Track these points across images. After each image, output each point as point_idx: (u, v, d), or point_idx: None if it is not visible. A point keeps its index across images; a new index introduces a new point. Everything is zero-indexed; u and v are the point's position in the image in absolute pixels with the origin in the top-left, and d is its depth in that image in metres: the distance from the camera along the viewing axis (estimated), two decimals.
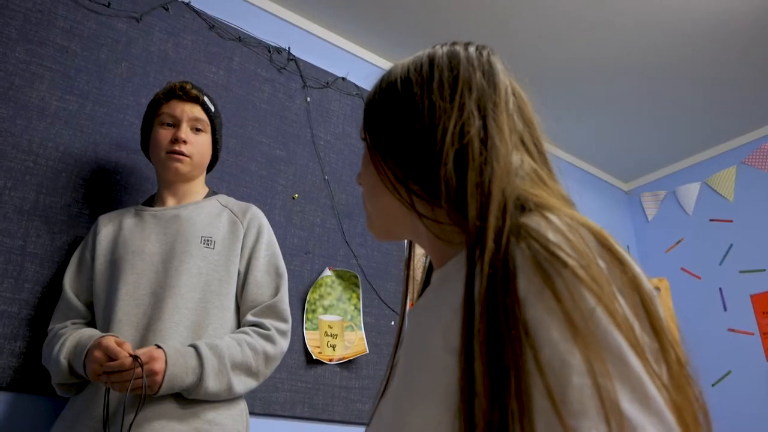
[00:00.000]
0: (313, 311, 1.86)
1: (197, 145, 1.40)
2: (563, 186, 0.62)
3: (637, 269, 0.48)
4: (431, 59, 0.65)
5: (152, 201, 1.45)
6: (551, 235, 0.47)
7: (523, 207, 0.54)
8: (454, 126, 0.58)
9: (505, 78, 0.64)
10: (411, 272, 0.75)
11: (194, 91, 1.41)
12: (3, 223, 1.39)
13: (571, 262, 0.45)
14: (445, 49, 0.66)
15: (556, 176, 0.63)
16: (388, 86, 0.67)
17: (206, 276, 1.29)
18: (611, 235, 0.50)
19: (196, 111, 1.41)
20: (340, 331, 1.88)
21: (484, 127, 0.59)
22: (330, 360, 1.82)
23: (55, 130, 1.53)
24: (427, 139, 0.59)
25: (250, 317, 1.31)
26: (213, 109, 1.45)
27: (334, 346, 1.85)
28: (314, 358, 1.79)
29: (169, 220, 1.35)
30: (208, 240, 1.33)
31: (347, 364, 1.87)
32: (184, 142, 1.36)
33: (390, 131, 0.64)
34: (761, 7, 2.15)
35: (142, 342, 1.18)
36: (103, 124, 1.62)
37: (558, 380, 0.42)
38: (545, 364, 0.43)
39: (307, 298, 1.85)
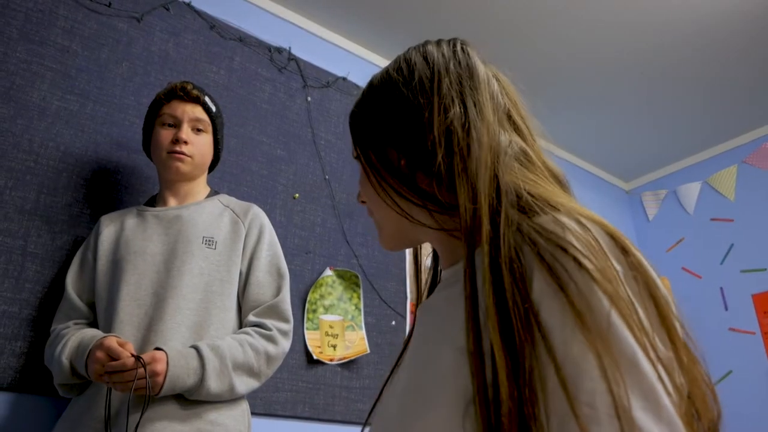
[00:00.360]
0: (314, 311, 1.86)
1: (198, 146, 1.39)
2: (553, 163, 0.62)
3: (652, 271, 0.48)
4: (407, 60, 0.65)
5: (154, 201, 1.45)
6: (567, 236, 0.47)
7: (518, 196, 0.54)
8: (438, 116, 0.58)
9: (482, 65, 0.64)
10: (420, 271, 0.74)
11: (195, 92, 1.41)
12: (4, 223, 1.39)
13: (587, 264, 0.45)
14: (419, 48, 0.67)
15: (544, 154, 0.63)
16: (371, 94, 0.67)
17: (208, 276, 1.28)
18: (623, 234, 0.49)
19: (197, 111, 1.40)
20: (341, 330, 1.88)
21: (465, 112, 0.58)
22: (331, 360, 1.82)
23: (55, 130, 1.53)
24: (419, 136, 0.59)
25: (251, 317, 1.31)
26: (214, 109, 1.45)
27: (334, 346, 1.85)
28: (315, 358, 1.78)
29: (171, 220, 1.34)
30: (209, 240, 1.33)
31: (348, 364, 1.87)
32: (185, 142, 1.36)
33: (384, 138, 0.63)
34: (761, 7, 2.15)
35: (144, 342, 1.18)
36: (103, 124, 1.62)
37: (570, 384, 0.41)
38: (559, 364, 0.42)
39: (308, 298, 1.85)
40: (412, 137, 0.60)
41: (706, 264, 2.91)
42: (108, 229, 1.36)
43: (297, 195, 1.97)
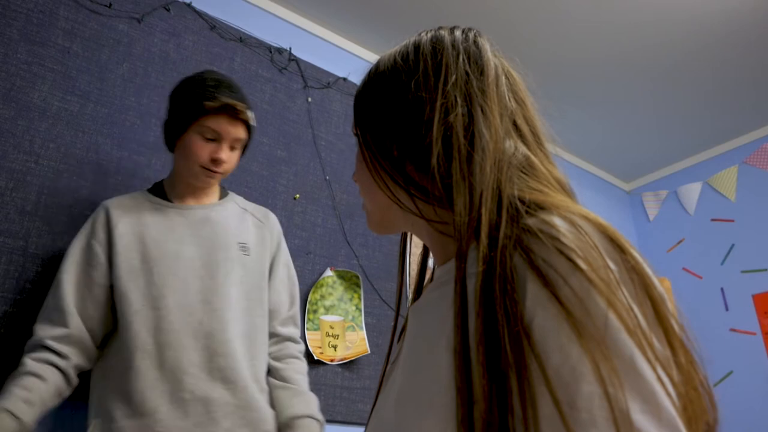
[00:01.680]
0: (315, 311, 1.86)
1: (231, 162, 1.33)
2: (557, 171, 0.59)
3: (648, 270, 0.46)
4: (416, 46, 0.62)
5: (162, 190, 1.37)
6: (561, 238, 0.45)
7: (522, 201, 0.52)
8: (439, 116, 0.56)
9: (493, 58, 0.62)
10: (406, 265, 0.73)
11: (244, 114, 1.30)
12: (4, 224, 1.39)
13: (582, 264, 0.43)
14: (430, 35, 0.63)
15: (551, 157, 0.60)
16: (376, 77, 0.65)
17: (248, 284, 1.28)
18: (618, 231, 0.48)
19: (240, 131, 1.31)
20: (341, 331, 1.88)
21: (469, 114, 0.56)
22: (331, 360, 1.82)
23: (56, 131, 1.53)
24: (416, 132, 0.57)
25: (280, 329, 1.34)
26: (254, 125, 1.38)
27: (335, 347, 1.85)
28: (315, 358, 1.78)
29: (198, 222, 1.31)
30: (244, 246, 1.32)
31: (349, 365, 1.87)
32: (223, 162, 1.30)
33: (381, 126, 0.61)
34: (762, 7, 2.15)
35: (207, 351, 1.17)
36: (104, 125, 1.62)
37: (567, 388, 0.40)
38: (554, 372, 0.41)
39: (309, 299, 1.85)
40: (408, 130, 0.58)
41: (706, 264, 2.91)
42: (124, 224, 1.26)
43: (297, 196, 1.97)
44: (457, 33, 0.63)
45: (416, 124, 0.58)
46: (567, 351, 0.41)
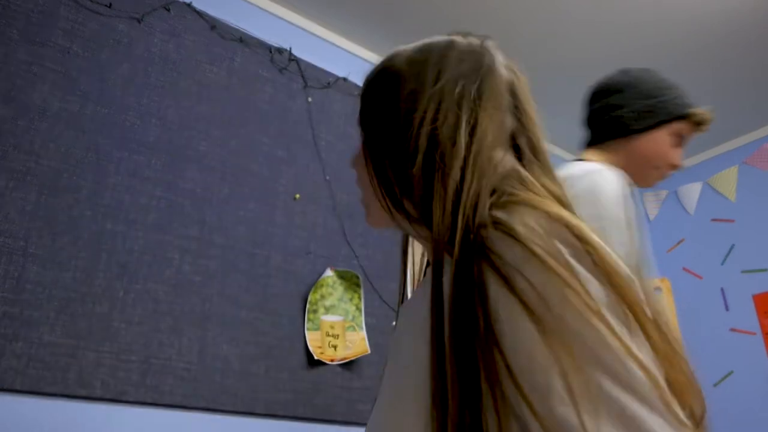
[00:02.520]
0: (315, 311, 1.86)
1: None
2: (555, 186, 0.58)
3: (611, 255, 0.47)
4: (427, 52, 0.63)
5: None
6: (516, 227, 0.47)
7: (494, 205, 0.52)
8: (428, 126, 0.56)
9: (502, 72, 0.61)
10: (408, 265, 0.73)
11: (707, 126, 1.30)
12: (4, 224, 1.39)
13: (538, 251, 0.45)
14: (442, 42, 0.63)
15: (549, 171, 0.60)
16: (383, 75, 0.66)
17: None
18: (579, 221, 0.49)
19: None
20: (341, 331, 1.88)
21: (456, 125, 0.56)
22: (331, 360, 1.82)
23: (56, 131, 1.53)
24: (403, 138, 0.58)
25: None
26: None
27: (335, 347, 1.85)
28: (315, 358, 1.79)
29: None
30: None
31: (349, 365, 1.87)
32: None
33: (378, 126, 0.62)
34: (762, 7, 2.15)
35: None
36: (104, 125, 1.62)
37: (536, 381, 0.42)
38: (521, 367, 0.42)
39: (309, 299, 1.85)
40: (396, 135, 0.59)
41: (706, 264, 2.91)
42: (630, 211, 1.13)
43: (298, 196, 1.97)
44: (466, 42, 0.63)
45: (405, 130, 0.58)
46: (533, 346, 0.42)
